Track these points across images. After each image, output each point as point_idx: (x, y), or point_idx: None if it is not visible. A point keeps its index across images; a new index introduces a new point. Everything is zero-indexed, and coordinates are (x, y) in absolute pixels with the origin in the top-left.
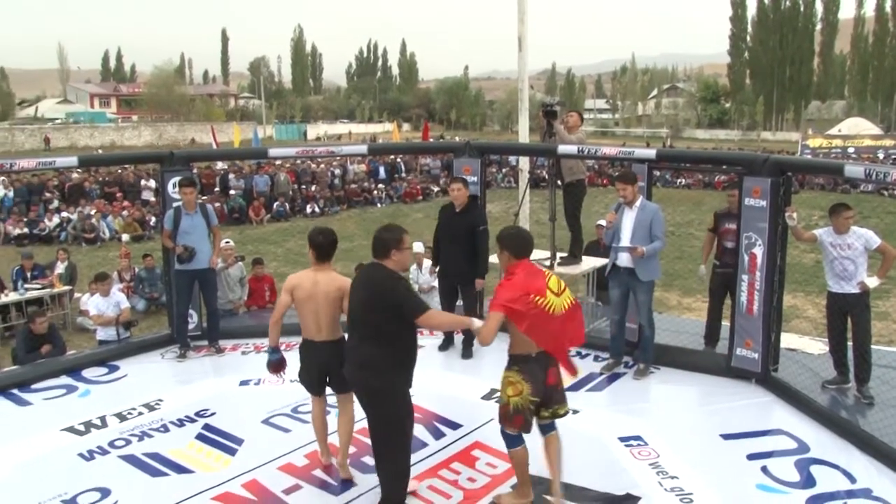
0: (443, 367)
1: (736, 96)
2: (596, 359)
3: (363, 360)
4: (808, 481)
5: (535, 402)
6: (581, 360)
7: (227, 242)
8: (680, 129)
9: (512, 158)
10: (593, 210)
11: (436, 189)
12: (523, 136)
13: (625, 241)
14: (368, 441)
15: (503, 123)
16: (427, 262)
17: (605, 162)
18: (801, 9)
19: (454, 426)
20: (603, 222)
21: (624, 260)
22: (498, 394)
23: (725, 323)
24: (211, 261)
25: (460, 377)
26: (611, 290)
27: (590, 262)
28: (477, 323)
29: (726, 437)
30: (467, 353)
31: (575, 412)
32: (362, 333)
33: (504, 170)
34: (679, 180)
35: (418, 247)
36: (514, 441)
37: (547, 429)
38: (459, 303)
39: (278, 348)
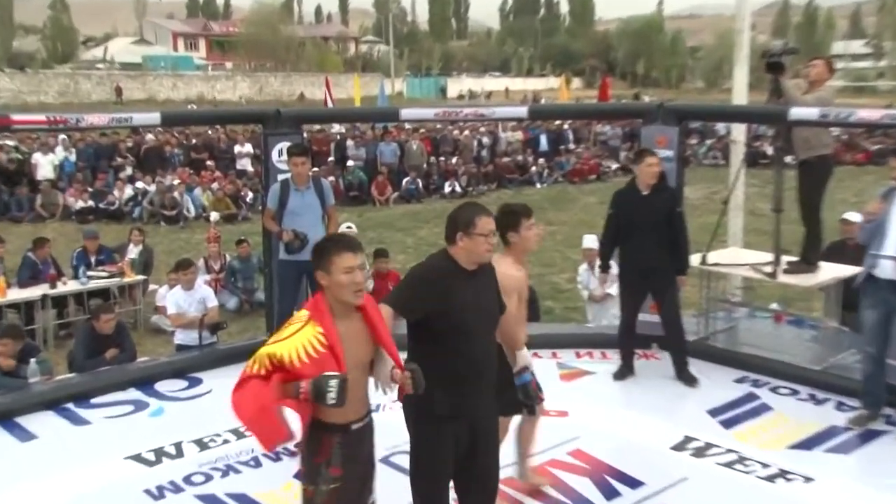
0: (620, 403)
1: None
2: (840, 407)
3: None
4: None
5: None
6: (817, 407)
7: (348, 227)
8: None
9: (721, 126)
10: (838, 198)
11: (613, 166)
12: (739, 94)
13: (893, 244)
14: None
15: (709, 78)
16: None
17: (861, 131)
18: None
19: (634, 484)
20: (855, 216)
21: (888, 270)
22: (696, 442)
23: None
24: None
25: (644, 417)
26: (863, 312)
27: (831, 271)
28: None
29: None
30: (686, 375)
31: (807, 480)
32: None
33: (709, 141)
34: None
35: (590, 241)
36: None
37: None
38: (648, 317)
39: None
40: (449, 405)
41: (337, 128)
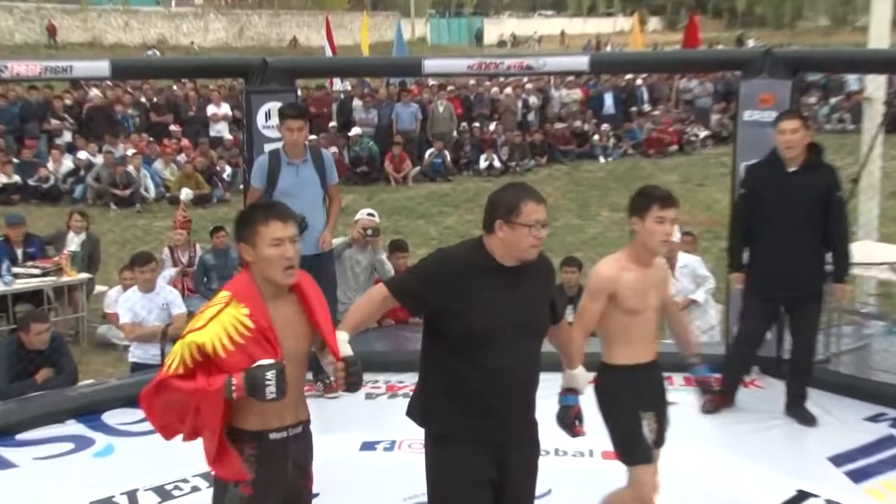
0: (712, 444)
1: None
2: None
3: (415, 394)
4: None
5: None
6: None
7: (370, 216)
8: None
9: (851, 79)
10: None
11: (702, 134)
12: (878, 35)
13: None
14: None
15: (836, 14)
16: (690, 261)
17: None
18: None
19: None
20: None
21: None
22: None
23: None
24: (322, 239)
25: (745, 465)
26: None
27: None
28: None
29: None
30: (801, 410)
31: None
32: None
33: (834, 100)
34: None
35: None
36: None
37: None
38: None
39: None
40: (462, 427)
41: (340, 84)
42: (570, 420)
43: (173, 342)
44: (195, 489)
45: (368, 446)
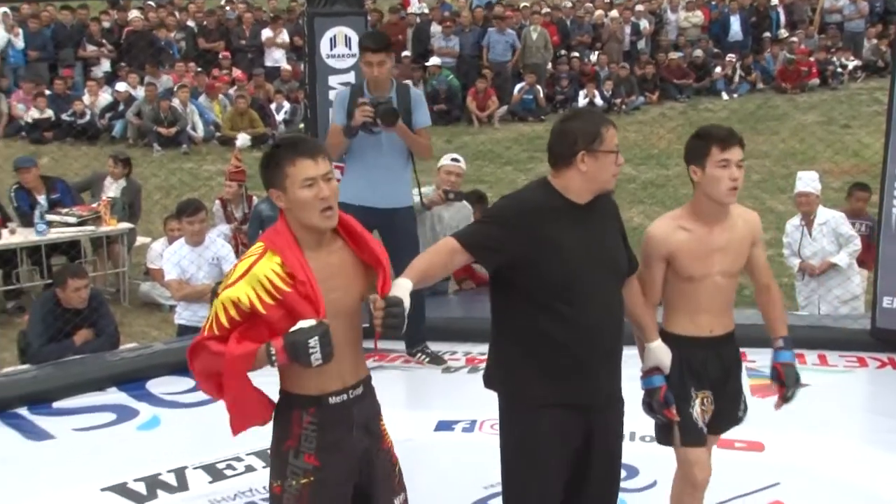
0: (844, 433)
1: None
2: None
3: (490, 357)
4: None
5: None
6: None
7: (454, 161)
8: None
9: None
10: None
11: (851, 64)
12: None
13: None
14: None
15: None
16: (832, 217)
17: None
18: None
19: None
20: None
21: None
22: None
23: None
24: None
25: (880, 455)
26: None
27: None
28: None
29: None
30: None
31: None
32: None
33: None
34: None
35: (807, 181)
36: None
37: None
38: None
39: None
40: (551, 391)
41: (417, 6)
42: (659, 404)
43: None
44: (249, 468)
45: (445, 426)
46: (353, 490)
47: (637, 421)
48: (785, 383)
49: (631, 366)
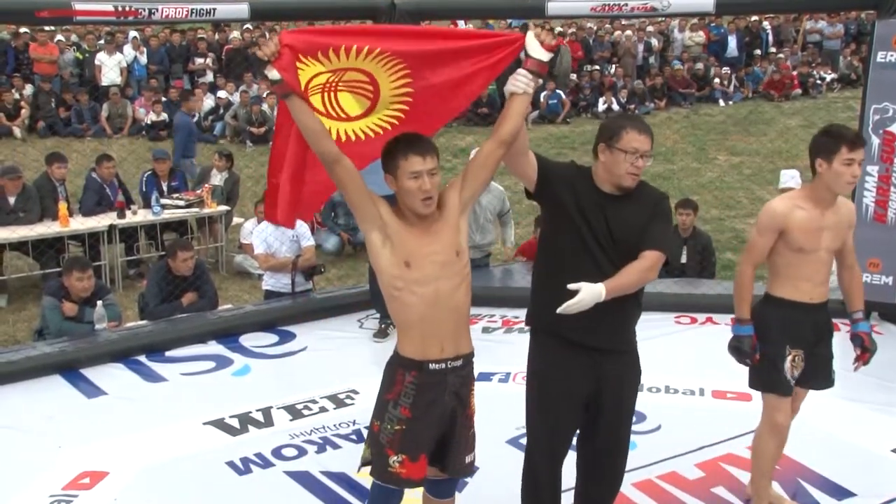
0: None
1: None
2: None
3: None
4: None
5: None
6: None
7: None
8: None
9: None
10: None
11: (828, 77)
12: None
13: None
14: None
15: None
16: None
17: None
18: None
19: (839, 493)
20: None
21: None
22: None
23: None
24: None
25: (860, 410)
26: None
27: None
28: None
29: None
30: None
31: None
32: None
33: None
34: None
35: (789, 177)
36: None
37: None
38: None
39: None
40: (577, 329)
41: (462, 25)
42: (748, 350)
43: (303, 273)
44: (323, 409)
45: (484, 377)
46: (434, 439)
47: (645, 374)
48: (869, 349)
49: (642, 328)
